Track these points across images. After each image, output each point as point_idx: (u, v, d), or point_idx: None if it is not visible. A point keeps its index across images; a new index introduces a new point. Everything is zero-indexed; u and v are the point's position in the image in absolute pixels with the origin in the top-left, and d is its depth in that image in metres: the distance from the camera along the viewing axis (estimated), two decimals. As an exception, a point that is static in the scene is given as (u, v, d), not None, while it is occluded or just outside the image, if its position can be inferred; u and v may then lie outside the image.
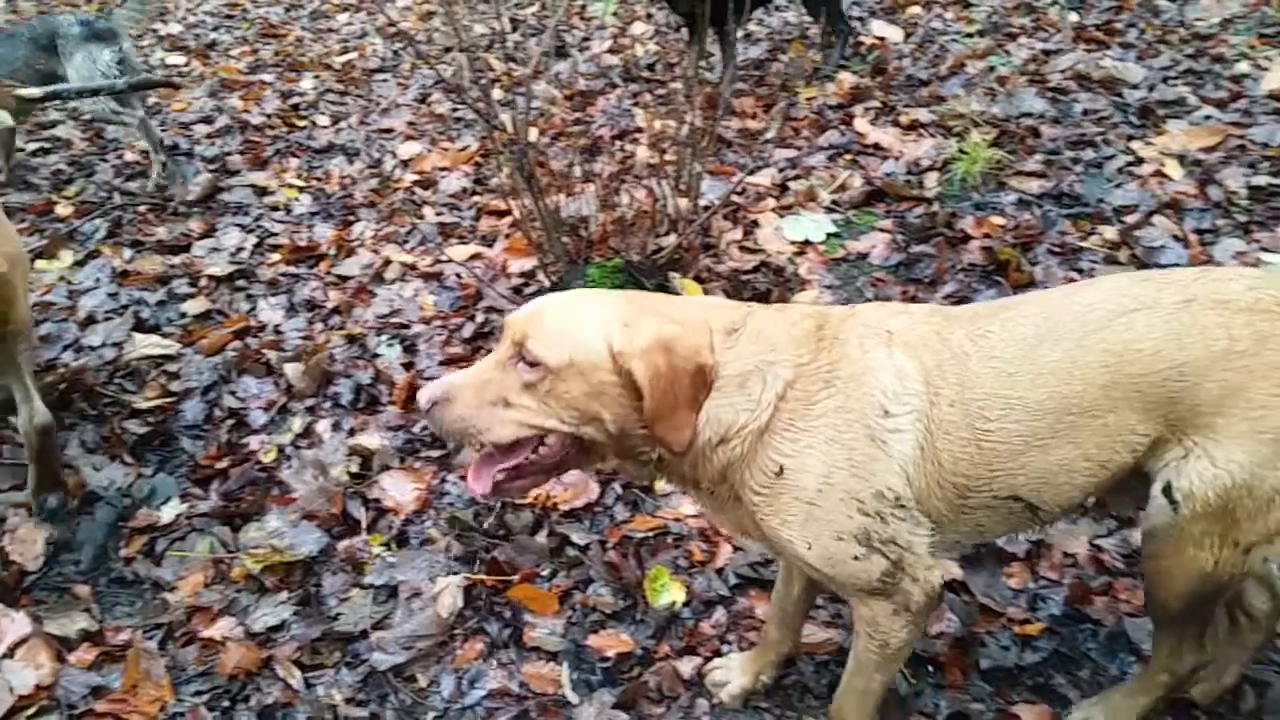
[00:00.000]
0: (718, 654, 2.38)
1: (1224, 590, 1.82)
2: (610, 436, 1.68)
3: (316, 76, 6.47)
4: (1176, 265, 3.48)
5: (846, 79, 5.25)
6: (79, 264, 4.28)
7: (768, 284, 3.65)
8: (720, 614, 2.49)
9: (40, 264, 4.27)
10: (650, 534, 2.72)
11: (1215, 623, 2.04)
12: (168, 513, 2.94)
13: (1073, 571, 2.53)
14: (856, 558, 1.70)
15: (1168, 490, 1.72)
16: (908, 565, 1.73)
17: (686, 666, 2.34)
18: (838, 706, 2.03)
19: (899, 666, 1.99)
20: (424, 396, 1.69)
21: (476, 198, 4.68)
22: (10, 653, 2.45)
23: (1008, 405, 1.69)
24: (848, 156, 4.53)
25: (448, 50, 6.67)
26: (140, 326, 3.79)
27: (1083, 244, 3.69)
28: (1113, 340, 1.67)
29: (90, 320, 3.84)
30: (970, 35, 5.79)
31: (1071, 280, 3.47)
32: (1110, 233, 3.71)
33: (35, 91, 5.16)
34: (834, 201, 4.18)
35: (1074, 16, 5.86)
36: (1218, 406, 1.65)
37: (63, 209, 4.77)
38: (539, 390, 1.64)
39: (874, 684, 1.92)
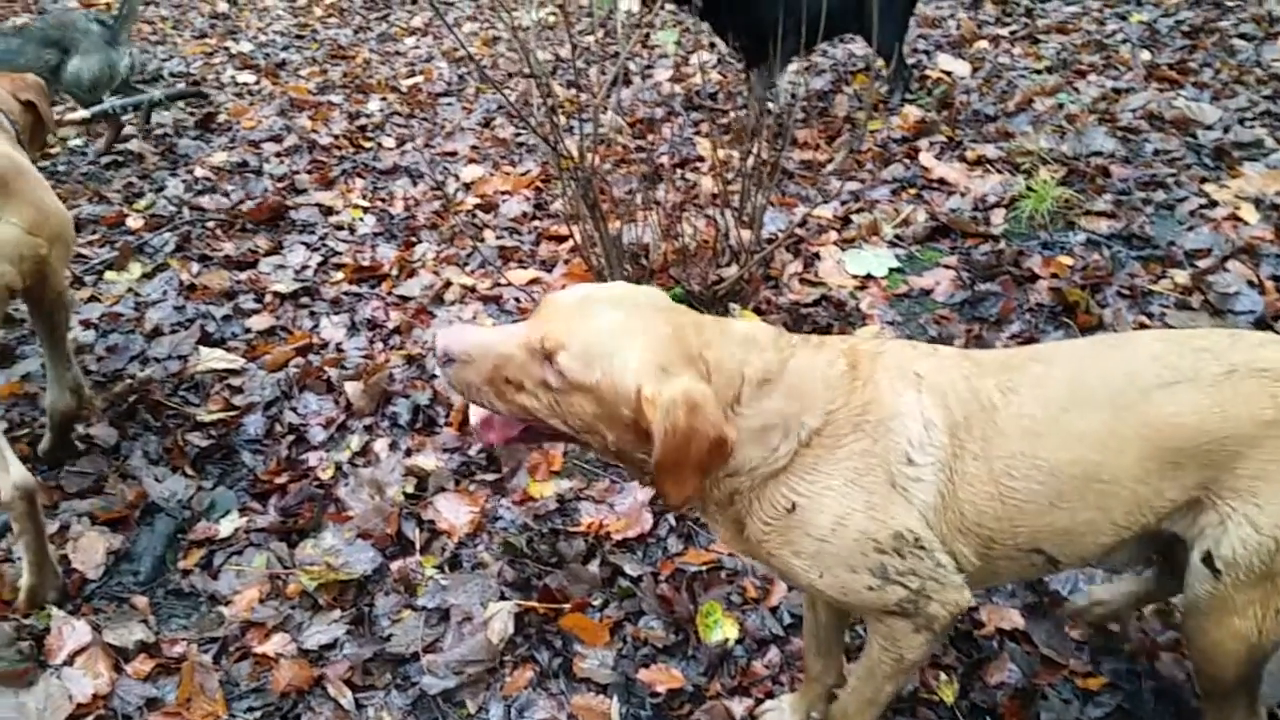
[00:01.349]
0: (770, 695, 2.34)
1: (1269, 657, 1.78)
2: (608, 450, 1.67)
3: (383, 98, 6.58)
4: (1251, 312, 3.39)
5: (912, 112, 5.22)
6: (147, 276, 4.38)
7: (828, 318, 3.62)
8: (774, 653, 2.44)
9: (109, 275, 4.37)
10: (704, 568, 2.69)
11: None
12: (226, 526, 2.97)
13: (1137, 625, 2.45)
14: (871, 588, 1.68)
15: (1208, 559, 1.69)
16: (932, 590, 1.70)
17: (738, 707, 2.30)
18: (841, 710, 1.99)
19: (910, 678, 1.93)
20: (441, 345, 1.62)
21: (537, 222, 4.71)
22: (70, 660, 2.48)
23: (1034, 466, 1.66)
24: (912, 191, 4.50)
25: (512, 75, 6.75)
26: (206, 340, 3.85)
27: (1153, 287, 3.61)
28: (1153, 414, 1.64)
29: (157, 332, 3.92)
30: (1039, 71, 5.72)
31: (1143, 325, 3.39)
32: (1182, 277, 3.62)
33: (84, 114, 5.36)
34: (897, 236, 4.14)
35: (1146, 55, 5.77)
36: (1262, 473, 1.63)
37: (133, 222, 4.88)
38: (554, 392, 1.59)
39: (882, 695, 1.88)
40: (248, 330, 3.95)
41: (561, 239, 4.39)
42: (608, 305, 1.62)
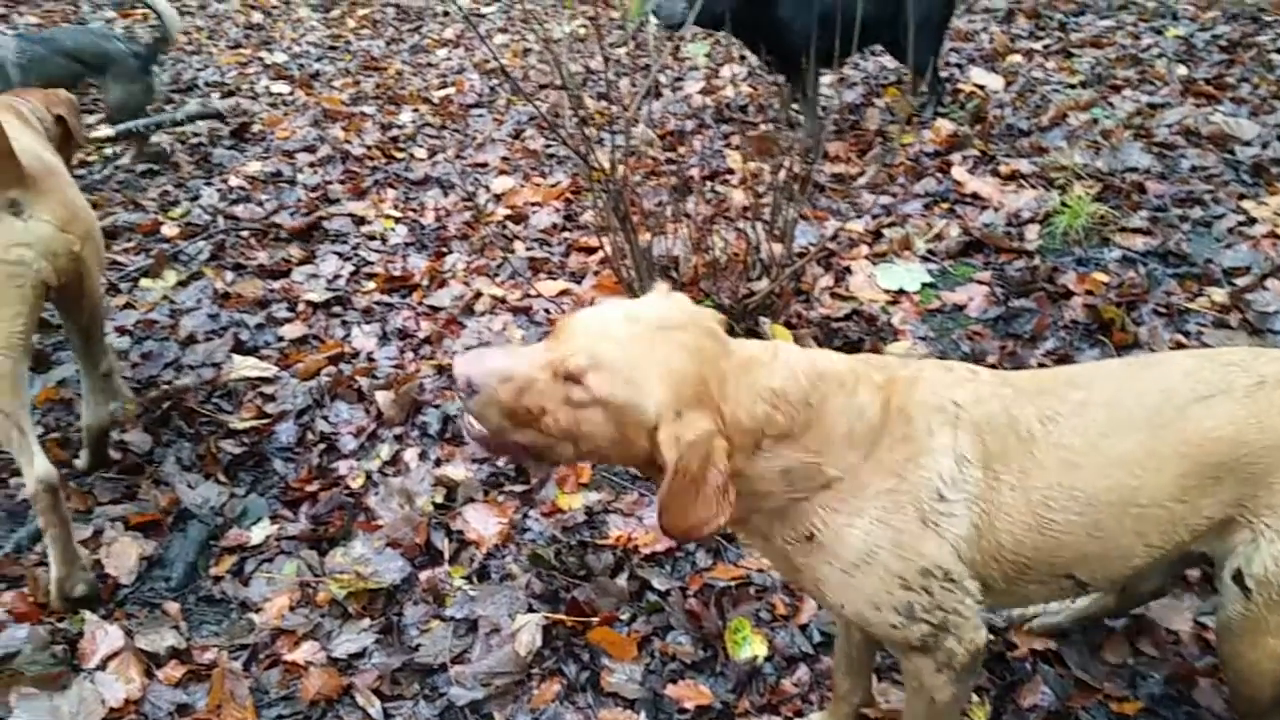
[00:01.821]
0: (799, 714, 2.32)
1: None
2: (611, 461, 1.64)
3: (415, 110, 6.63)
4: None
5: (944, 126, 5.19)
6: (182, 284, 4.42)
7: (860, 332, 3.60)
8: (803, 672, 2.42)
9: (145, 282, 4.43)
10: (732, 584, 2.67)
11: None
12: (258, 534, 2.99)
13: (1174, 649, 2.41)
14: (895, 626, 1.66)
15: (1239, 578, 1.68)
16: (953, 626, 1.68)
17: (767, 725, 2.29)
18: None
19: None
20: (463, 374, 1.55)
21: (566, 234, 4.72)
22: (103, 665, 2.50)
23: (1072, 497, 1.65)
24: (945, 205, 4.47)
25: (543, 87, 6.78)
26: (239, 348, 3.89)
27: (1190, 306, 3.56)
28: (1191, 430, 1.64)
29: (191, 340, 3.96)
30: (1073, 86, 5.68)
31: (1179, 344, 3.35)
32: (1219, 295, 3.57)
33: (108, 131, 5.46)
34: (930, 251, 4.12)
35: (1182, 69, 5.71)
36: None
37: (169, 230, 4.94)
38: (575, 411, 1.53)
39: None
40: (280, 339, 3.98)
41: (591, 250, 4.40)
42: (639, 332, 1.55)
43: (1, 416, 2.57)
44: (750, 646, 2.48)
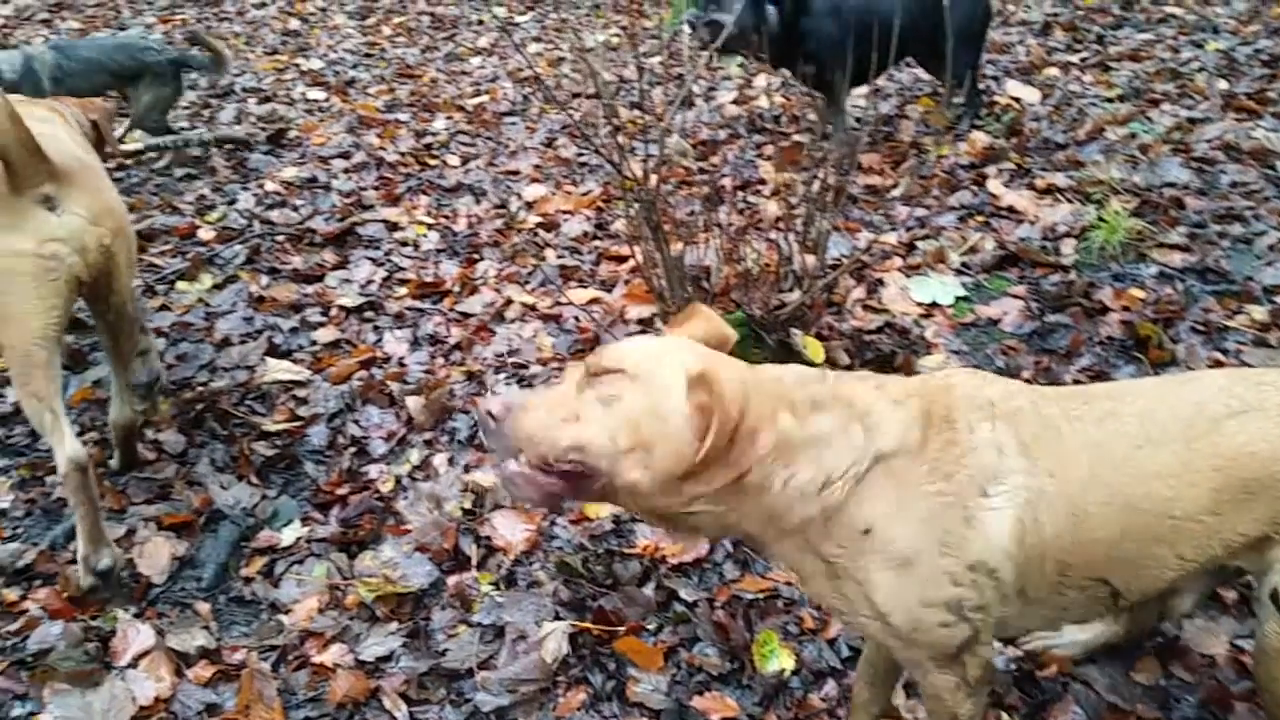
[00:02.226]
0: (826, 729, 2.30)
1: None
2: (654, 496, 1.59)
3: (449, 117, 6.67)
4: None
5: (979, 139, 5.16)
6: (218, 287, 4.47)
7: (892, 345, 3.58)
8: (830, 687, 2.40)
9: (181, 285, 4.48)
10: (760, 596, 2.66)
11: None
12: (288, 535, 3.01)
13: (1209, 672, 2.37)
14: (945, 625, 1.65)
15: (1275, 597, 1.67)
16: (982, 637, 1.68)
17: (794, 739, 2.27)
18: None
19: None
20: (498, 404, 1.60)
21: (597, 242, 4.73)
22: (134, 663, 2.53)
23: (1109, 499, 1.65)
24: (980, 218, 4.43)
25: (575, 96, 6.81)
26: (273, 351, 3.92)
27: (1229, 323, 3.51)
28: (1225, 444, 1.65)
29: (226, 342, 4.00)
30: (1110, 99, 5.62)
31: (1218, 362, 3.30)
32: (1259, 313, 3.52)
33: (137, 145, 5.56)
34: (964, 264, 4.09)
35: (1223, 84, 5.63)
36: None
37: (205, 233, 5.00)
38: (606, 400, 1.55)
39: None
40: (313, 343, 4.01)
41: (622, 259, 4.41)
42: (640, 340, 1.66)
43: (36, 401, 2.64)
44: (777, 660, 2.46)
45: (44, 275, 2.59)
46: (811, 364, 3.35)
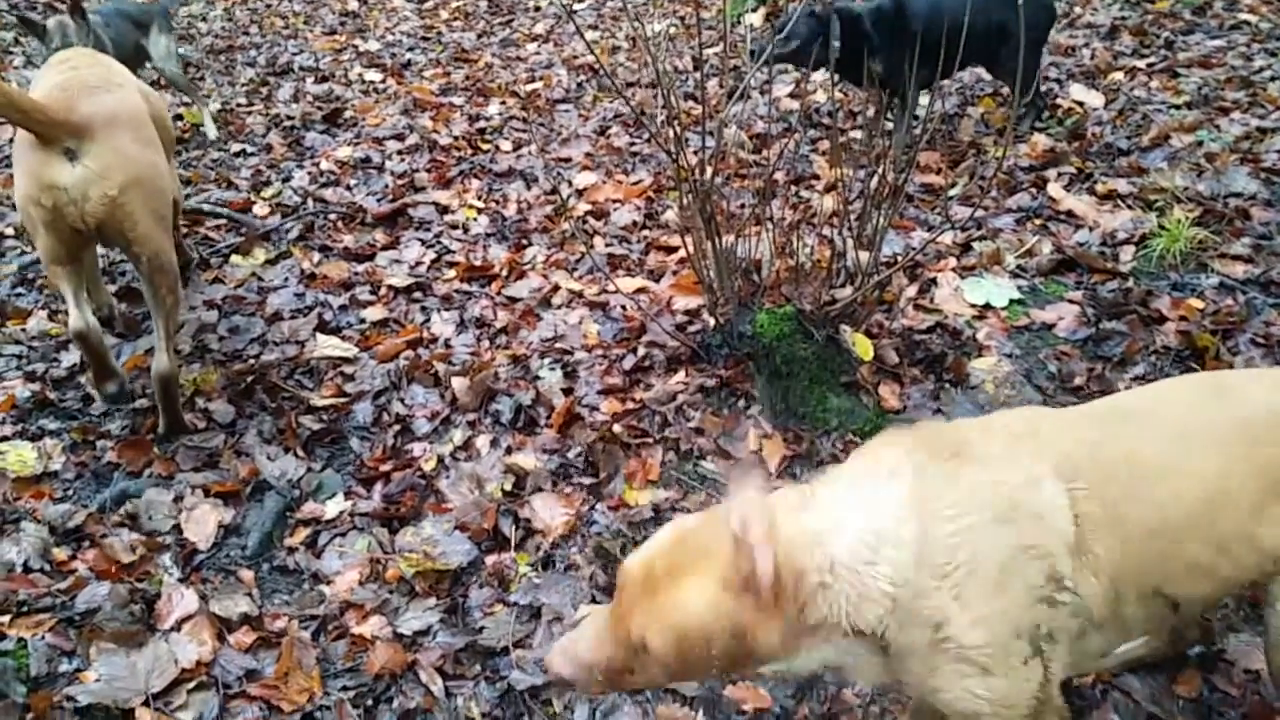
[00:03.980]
0: (862, 727, 2.28)
1: None
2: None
3: (503, 103, 6.68)
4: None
5: (1040, 141, 5.07)
6: (270, 263, 4.53)
7: (942, 345, 3.53)
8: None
9: (235, 259, 4.55)
10: (799, 590, 2.63)
11: None
12: (332, 508, 3.04)
13: (1254, 688, 2.31)
14: (1026, 661, 1.59)
15: None
16: (1053, 684, 1.63)
17: (828, 735, 2.25)
18: None
19: None
20: (561, 669, 1.71)
21: (646, 232, 4.71)
22: (178, 626, 2.57)
23: (1149, 505, 1.65)
24: (1038, 221, 4.36)
25: (630, 85, 6.79)
26: (323, 327, 3.96)
27: (1292, 337, 3.41)
28: (1268, 453, 1.66)
29: (277, 317, 4.05)
30: (1177, 106, 5.48)
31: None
32: (1325, 327, 3.42)
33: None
34: (1020, 267, 4.02)
35: (1296, 94, 5.48)
36: None
37: (260, 209, 5.06)
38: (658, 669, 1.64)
39: None
40: (362, 320, 4.04)
41: (670, 249, 4.39)
42: (677, 576, 1.59)
43: (54, 286, 3.12)
44: (813, 654, 2.43)
45: (43, 215, 2.94)
46: (860, 361, 3.32)
